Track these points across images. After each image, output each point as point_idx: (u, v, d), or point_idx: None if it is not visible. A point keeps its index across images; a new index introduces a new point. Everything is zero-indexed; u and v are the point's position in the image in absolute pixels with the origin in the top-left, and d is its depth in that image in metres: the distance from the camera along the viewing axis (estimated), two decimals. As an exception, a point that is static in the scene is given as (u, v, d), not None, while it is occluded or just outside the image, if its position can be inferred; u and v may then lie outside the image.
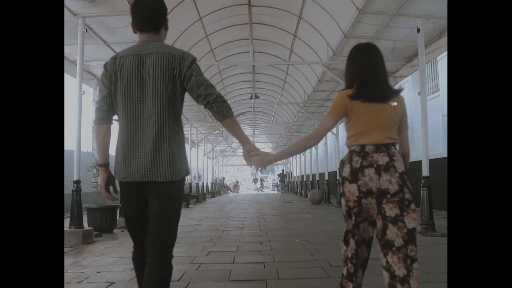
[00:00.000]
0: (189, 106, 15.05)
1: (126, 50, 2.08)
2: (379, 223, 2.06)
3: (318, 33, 9.74)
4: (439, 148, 10.46)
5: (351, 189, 2.08)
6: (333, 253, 4.69)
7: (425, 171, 6.38)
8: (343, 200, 2.16)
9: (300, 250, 4.99)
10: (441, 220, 6.98)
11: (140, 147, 1.96)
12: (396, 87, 2.18)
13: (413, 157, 2.49)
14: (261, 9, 10.15)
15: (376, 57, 2.16)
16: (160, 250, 1.95)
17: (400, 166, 2.02)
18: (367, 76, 2.11)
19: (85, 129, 8.64)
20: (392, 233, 2.01)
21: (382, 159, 2.03)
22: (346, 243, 2.19)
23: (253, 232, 6.80)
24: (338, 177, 2.17)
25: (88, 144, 12.26)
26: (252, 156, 2.21)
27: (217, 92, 2.03)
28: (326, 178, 15.84)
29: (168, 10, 2.21)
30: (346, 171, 2.11)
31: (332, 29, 8.72)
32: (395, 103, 2.10)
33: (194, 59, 2.06)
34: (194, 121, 17.54)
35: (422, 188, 6.29)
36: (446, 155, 9.20)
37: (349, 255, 2.14)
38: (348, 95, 2.12)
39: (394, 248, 1.99)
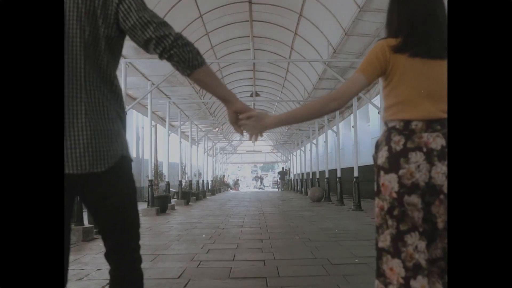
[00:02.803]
0: (189, 104, 15.08)
1: None
2: (432, 234, 1.50)
3: (319, 30, 9.74)
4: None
5: (387, 182, 1.47)
6: (333, 251, 4.69)
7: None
8: (377, 201, 1.54)
9: (300, 248, 4.99)
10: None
11: None
12: None
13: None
14: (262, 6, 10.15)
15: None
16: (128, 268, 1.48)
17: None
18: (421, 21, 1.49)
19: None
20: (434, 248, 1.50)
21: (435, 141, 1.44)
22: (381, 274, 1.49)
23: (253, 230, 6.81)
24: (374, 168, 1.58)
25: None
26: (243, 119, 1.59)
27: (176, 32, 1.37)
28: (326, 175, 15.85)
29: (169, 8, 2.16)
30: (382, 156, 1.49)
31: (333, 27, 8.72)
32: None
33: None
34: (195, 119, 17.54)
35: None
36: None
37: None
38: (391, 46, 1.49)
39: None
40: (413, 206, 1.45)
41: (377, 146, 1.55)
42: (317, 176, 17.91)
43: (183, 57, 1.36)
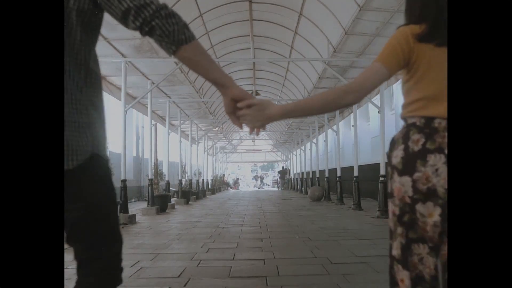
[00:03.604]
0: (189, 103, 15.07)
1: None
2: (443, 251, 1.30)
3: (319, 29, 9.73)
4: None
5: (399, 185, 1.30)
6: (333, 250, 4.70)
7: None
8: (390, 205, 1.36)
9: (300, 247, 4.99)
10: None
11: None
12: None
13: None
14: (262, 5, 10.14)
15: None
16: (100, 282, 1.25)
17: None
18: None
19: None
20: None
21: None
22: (395, 283, 1.34)
23: (253, 229, 6.81)
24: (387, 167, 1.42)
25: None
26: (241, 108, 1.33)
27: (158, 2, 1.16)
28: (326, 175, 15.85)
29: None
30: (397, 155, 1.31)
31: (333, 26, 8.72)
32: None
33: None
34: (194, 118, 17.53)
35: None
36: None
37: None
38: (415, 34, 1.30)
39: None
40: (428, 217, 1.27)
41: (393, 144, 1.36)
42: (317, 175, 17.91)
43: (167, 30, 1.13)
